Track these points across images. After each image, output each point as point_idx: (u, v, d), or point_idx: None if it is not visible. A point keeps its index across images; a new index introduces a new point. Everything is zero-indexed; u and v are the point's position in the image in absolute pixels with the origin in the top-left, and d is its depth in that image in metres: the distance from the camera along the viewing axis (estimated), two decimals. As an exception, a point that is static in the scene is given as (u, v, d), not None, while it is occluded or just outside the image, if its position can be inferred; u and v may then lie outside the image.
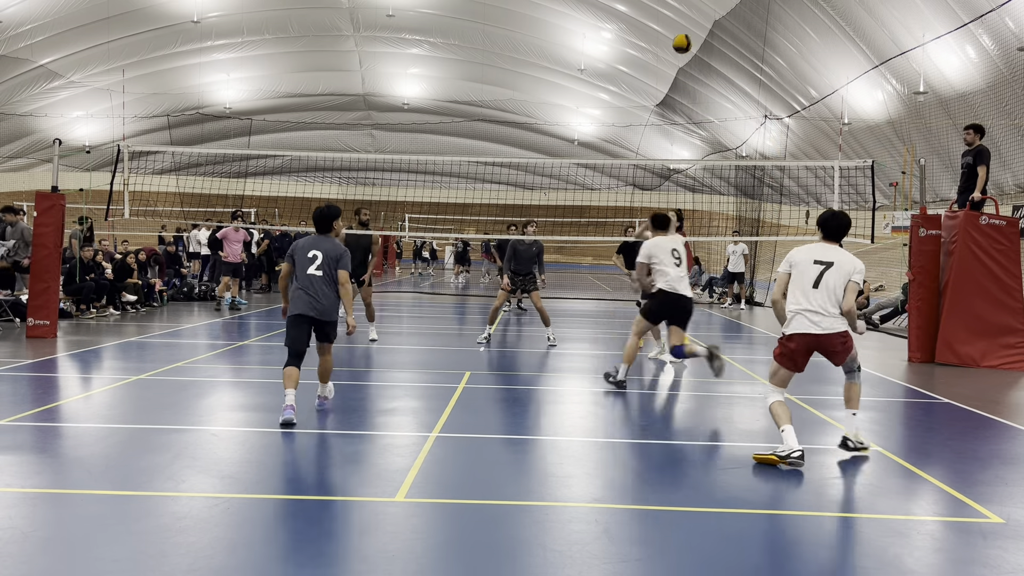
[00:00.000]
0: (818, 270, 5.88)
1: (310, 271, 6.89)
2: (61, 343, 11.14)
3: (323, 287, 6.89)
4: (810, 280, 5.86)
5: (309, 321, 6.91)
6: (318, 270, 6.88)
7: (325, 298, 6.89)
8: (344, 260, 7.00)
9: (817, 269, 5.88)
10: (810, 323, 5.81)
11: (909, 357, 11.58)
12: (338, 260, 6.96)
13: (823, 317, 5.81)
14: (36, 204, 12.09)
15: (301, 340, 6.90)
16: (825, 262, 5.90)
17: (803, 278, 5.91)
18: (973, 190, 11.49)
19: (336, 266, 6.95)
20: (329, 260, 6.93)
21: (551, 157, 49.77)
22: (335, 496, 4.88)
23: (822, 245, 6.07)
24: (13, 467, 5.33)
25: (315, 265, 6.89)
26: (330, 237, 7.13)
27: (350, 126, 52.04)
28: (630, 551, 4.13)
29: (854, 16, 26.92)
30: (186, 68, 42.53)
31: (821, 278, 5.85)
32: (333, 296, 6.97)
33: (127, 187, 13.92)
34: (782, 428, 5.82)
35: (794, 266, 5.98)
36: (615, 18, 35.85)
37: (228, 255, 17.17)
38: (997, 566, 4.05)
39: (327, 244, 7.03)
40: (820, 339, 5.83)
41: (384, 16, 37.23)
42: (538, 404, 8.11)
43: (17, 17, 33.34)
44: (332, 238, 7.14)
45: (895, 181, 29.31)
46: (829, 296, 5.84)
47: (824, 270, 5.87)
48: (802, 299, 5.86)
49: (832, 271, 5.87)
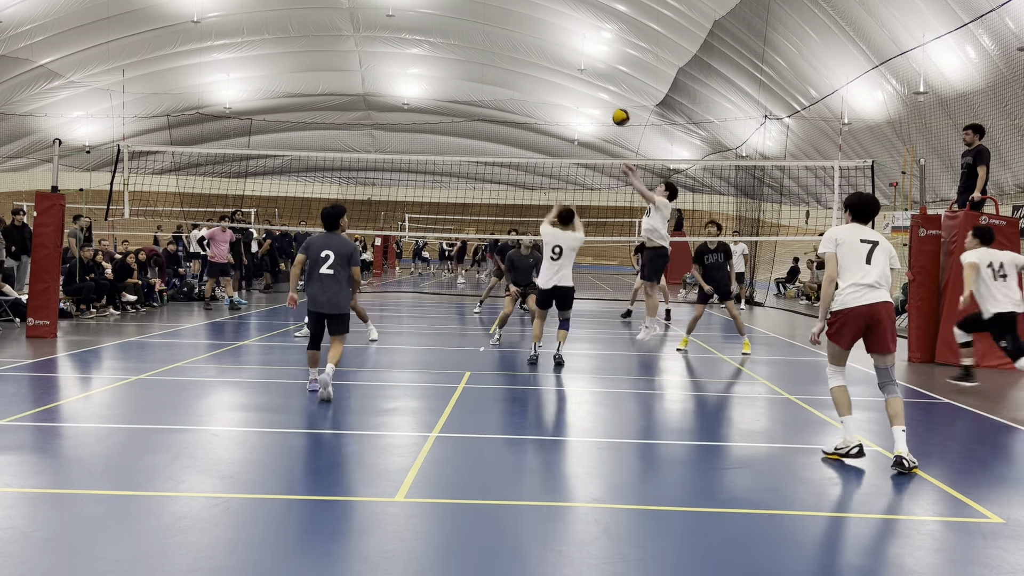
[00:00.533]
0: (867, 248, 5.93)
1: (322, 270, 7.63)
2: (61, 343, 11.14)
3: (333, 284, 7.64)
4: (862, 257, 5.90)
5: (321, 316, 7.78)
6: (330, 269, 7.62)
7: (335, 295, 7.65)
8: (355, 257, 7.75)
9: (866, 247, 5.93)
10: (867, 295, 5.82)
11: (909, 357, 11.58)
12: (349, 258, 7.68)
13: (876, 290, 5.84)
14: (36, 204, 12.08)
15: (319, 330, 7.90)
16: (871, 241, 5.96)
17: (854, 255, 5.91)
18: (973, 190, 11.48)
19: (348, 263, 7.69)
20: (340, 258, 7.64)
21: (551, 157, 49.75)
22: (335, 496, 4.88)
23: (857, 226, 6.07)
24: (13, 467, 5.33)
25: (327, 264, 7.62)
26: (339, 234, 7.79)
27: (350, 126, 52.03)
28: (630, 551, 4.13)
29: (854, 16, 26.92)
30: (186, 68, 42.52)
31: (872, 255, 5.91)
32: (343, 291, 7.70)
33: (127, 187, 13.92)
34: (842, 418, 5.93)
35: (840, 245, 5.96)
36: (615, 18, 35.85)
37: (215, 255, 17.18)
38: (997, 566, 4.06)
39: (338, 242, 7.71)
40: (874, 308, 5.81)
41: (384, 16, 37.22)
42: (538, 404, 8.11)
43: (17, 17, 33.34)
44: (341, 235, 7.80)
45: (895, 181, 29.31)
46: (881, 272, 5.90)
47: (872, 248, 5.93)
48: (857, 274, 5.87)
49: (879, 249, 5.95)
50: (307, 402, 7.68)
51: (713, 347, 12.54)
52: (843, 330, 5.91)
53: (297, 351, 11.00)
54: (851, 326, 5.87)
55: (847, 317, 5.86)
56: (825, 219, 23.54)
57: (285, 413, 7.23)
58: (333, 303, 7.65)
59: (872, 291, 5.82)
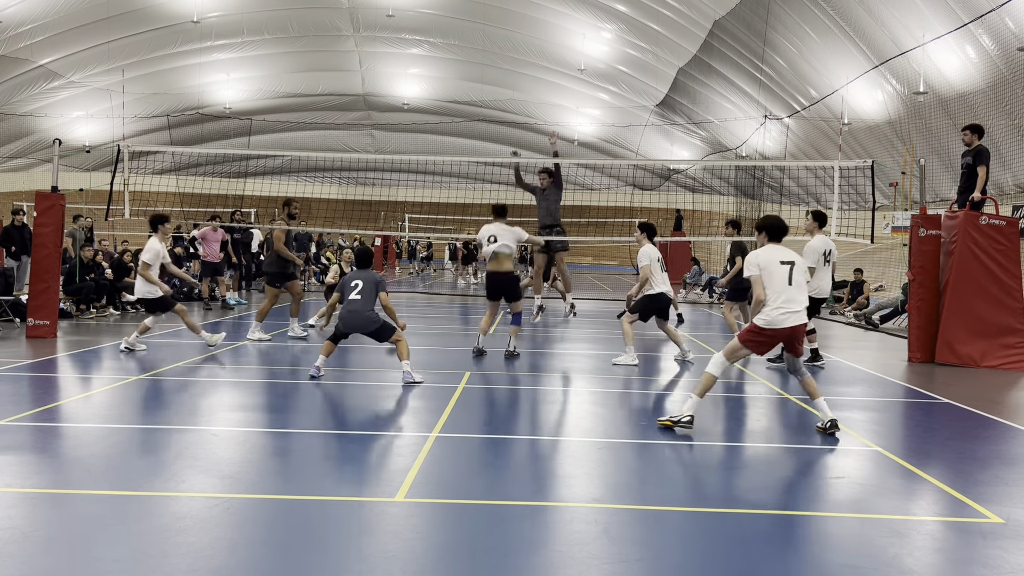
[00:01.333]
0: (787, 269, 6.58)
1: (352, 296, 8.80)
2: (61, 343, 11.14)
3: (359, 307, 8.75)
4: (785, 279, 6.55)
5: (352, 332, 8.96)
6: (358, 294, 8.78)
7: (361, 316, 8.75)
8: (382, 284, 8.96)
9: (786, 269, 6.58)
10: (791, 319, 6.52)
11: (909, 357, 11.58)
12: (376, 285, 8.88)
13: (798, 313, 6.54)
14: (36, 204, 12.08)
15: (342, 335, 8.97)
16: (788, 261, 6.63)
17: (778, 278, 6.56)
18: (973, 190, 11.48)
19: (376, 289, 8.86)
20: (368, 286, 8.83)
21: (551, 157, 49.65)
22: (335, 496, 4.88)
23: (774, 248, 6.77)
24: (13, 467, 5.33)
25: (356, 291, 8.80)
26: (369, 270, 9.06)
27: (350, 126, 52.04)
28: (630, 551, 4.13)
29: (854, 16, 26.92)
30: (186, 68, 42.52)
31: (792, 276, 6.57)
32: (370, 315, 8.79)
33: (127, 187, 13.92)
34: (695, 396, 6.64)
35: (763, 269, 6.59)
36: (615, 18, 35.84)
37: (208, 255, 17.24)
38: (997, 566, 4.05)
39: (366, 274, 8.98)
40: (796, 329, 6.56)
41: (384, 16, 37.22)
42: (538, 404, 8.11)
43: (17, 17, 33.34)
44: (370, 271, 9.06)
45: (895, 181, 29.31)
46: (800, 291, 6.59)
47: (791, 269, 6.59)
48: (782, 296, 6.51)
49: (796, 269, 6.62)
50: (307, 402, 7.68)
51: (714, 347, 12.54)
52: (765, 343, 6.65)
53: (297, 351, 11.00)
54: (772, 342, 6.65)
55: (773, 336, 6.58)
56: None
57: (285, 413, 7.23)
58: (367, 319, 8.75)
59: (796, 315, 6.52)
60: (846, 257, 32.01)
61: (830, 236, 11.00)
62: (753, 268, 6.62)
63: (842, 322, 17.76)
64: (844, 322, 17.71)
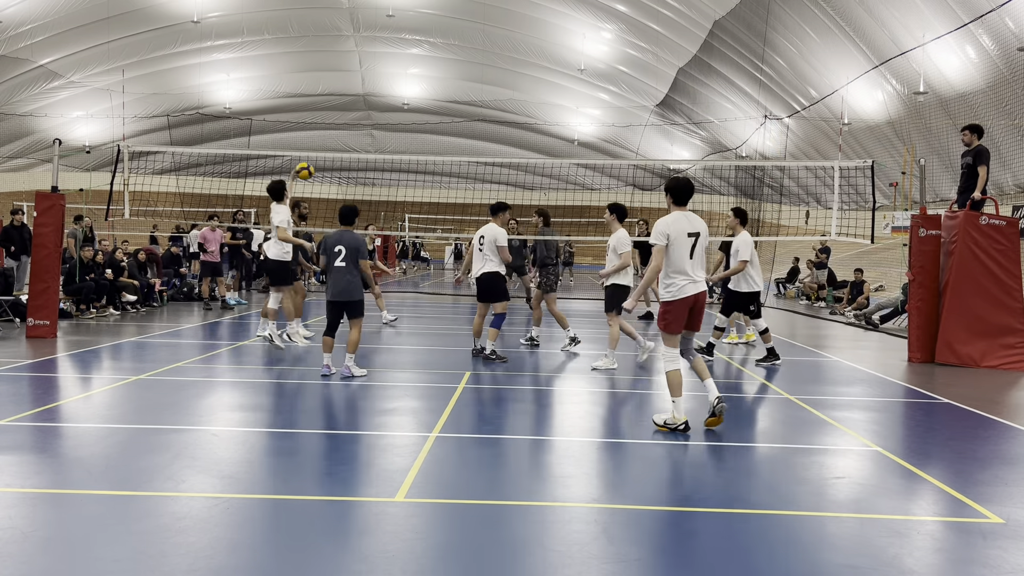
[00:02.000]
0: (691, 241, 6.80)
1: (336, 263, 8.68)
2: (61, 343, 11.14)
3: (345, 275, 8.68)
4: (687, 252, 6.79)
5: (337, 304, 8.80)
6: (342, 262, 8.64)
7: (347, 284, 8.70)
8: (363, 251, 8.75)
9: (690, 241, 6.80)
10: (692, 287, 6.79)
11: (909, 357, 11.57)
12: (358, 251, 8.69)
13: (698, 283, 6.82)
14: (36, 204, 12.07)
15: (334, 318, 8.89)
16: (694, 233, 6.82)
17: (683, 250, 6.78)
18: (973, 190, 11.48)
19: (357, 256, 8.69)
20: (351, 252, 8.66)
21: (551, 157, 49.69)
22: (335, 496, 4.88)
23: (684, 215, 6.88)
24: (13, 467, 5.33)
25: (340, 258, 8.63)
26: (351, 230, 8.80)
27: (350, 126, 52.04)
28: (629, 551, 4.13)
29: (854, 16, 26.92)
30: (186, 68, 42.52)
31: (694, 249, 6.82)
32: (354, 281, 8.71)
33: (127, 187, 13.92)
34: (674, 399, 6.71)
35: (671, 241, 6.77)
36: (615, 18, 35.84)
37: (213, 255, 17.27)
38: (997, 566, 4.06)
39: (348, 237, 8.73)
40: (698, 296, 6.83)
41: (384, 16, 37.22)
42: (538, 404, 8.11)
43: (17, 17, 33.34)
44: (353, 231, 8.81)
45: (895, 181, 29.30)
46: (700, 263, 6.89)
47: (695, 241, 6.82)
48: (685, 268, 6.78)
49: (699, 242, 6.84)
50: (307, 402, 7.69)
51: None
52: (677, 316, 6.80)
53: (297, 351, 11.00)
54: (681, 311, 6.80)
55: (680, 305, 6.79)
56: (825, 219, 23.53)
57: (285, 413, 7.23)
58: (347, 292, 8.69)
59: (696, 284, 6.81)
60: (846, 257, 32.02)
61: (828, 236, 11.08)
62: (660, 238, 6.76)
63: (842, 322, 17.76)
64: (844, 322, 17.71)
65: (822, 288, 23.63)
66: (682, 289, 6.75)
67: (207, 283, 17.36)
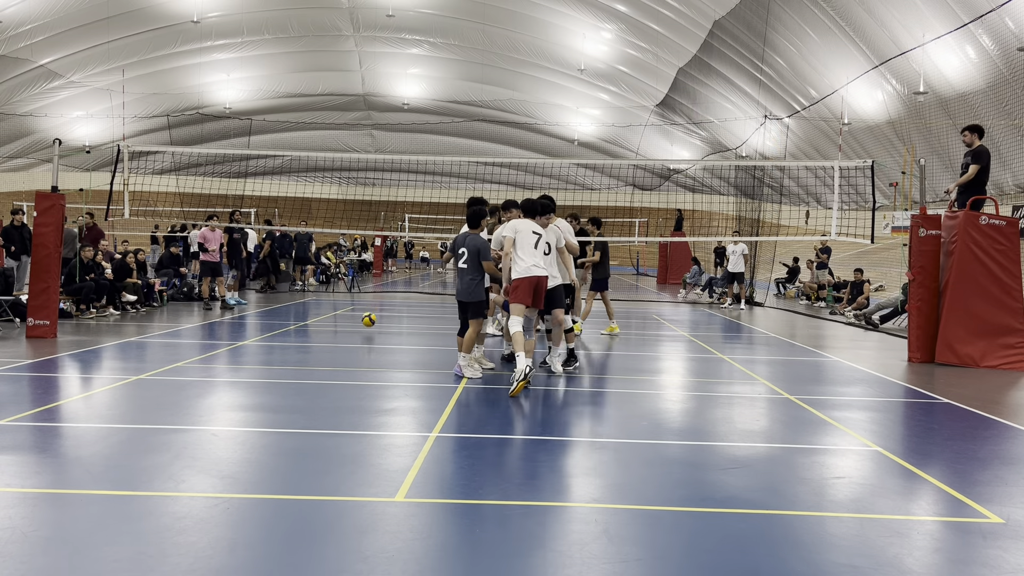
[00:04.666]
0: (536, 238, 8.87)
1: (460, 265, 9.18)
2: (61, 343, 11.14)
3: (466, 276, 9.12)
4: (532, 244, 8.83)
5: (461, 304, 9.30)
6: (464, 263, 9.13)
7: (467, 284, 9.12)
8: (484, 252, 9.13)
9: (535, 238, 8.87)
10: (534, 271, 8.77)
11: (909, 357, 11.58)
12: (479, 253, 9.11)
13: (540, 269, 8.82)
14: (36, 204, 12.07)
15: (462, 317, 9.33)
16: (538, 233, 8.92)
17: (528, 243, 8.81)
18: (973, 191, 11.48)
19: (479, 258, 9.10)
20: (472, 254, 9.10)
21: (551, 157, 49.67)
22: (335, 496, 4.88)
23: (527, 220, 9.02)
24: (13, 467, 5.33)
25: (463, 260, 9.14)
26: (476, 233, 9.24)
27: (350, 126, 52.04)
28: (630, 551, 4.13)
29: (854, 16, 26.92)
30: (186, 68, 42.52)
31: (538, 244, 8.88)
32: (475, 282, 9.12)
33: (127, 187, 13.93)
34: (519, 353, 8.27)
35: (518, 234, 8.81)
36: (615, 18, 35.84)
37: (212, 255, 17.28)
38: (997, 566, 4.06)
39: (471, 240, 9.18)
40: (540, 279, 8.80)
41: (384, 16, 37.23)
42: (538, 404, 8.11)
43: (17, 17, 33.34)
44: (478, 234, 9.22)
45: (895, 181, 29.31)
46: (545, 258, 8.96)
47: (538, 239, 8.88)
48: (530, 256, 8.79)
49: (542, 240, 8.93)
50: (307, 402, 7.69)
51: (713, 347, 12.55)
52: (524, 290, 8.71)
53: (296, 351, 11.00)
54: (527, 288, 8.74)
55: (526, 283, 8.74)
56: (825, 219, 23.54)
57: (285, 413, 7.23)
58: (466, 292, 9.14)
59: (538, 268, 8.80)
60: (846, 257, 32.02)
61: (829, 236, 11.09)
62: (509, 231, 8.80)
63: (842, 322, 17.77)
64: (844, 322, 17.71)
65: (823, 288, 23.64)
66: (527, 272, 8.70)
67: (207, 283, 17.38)
